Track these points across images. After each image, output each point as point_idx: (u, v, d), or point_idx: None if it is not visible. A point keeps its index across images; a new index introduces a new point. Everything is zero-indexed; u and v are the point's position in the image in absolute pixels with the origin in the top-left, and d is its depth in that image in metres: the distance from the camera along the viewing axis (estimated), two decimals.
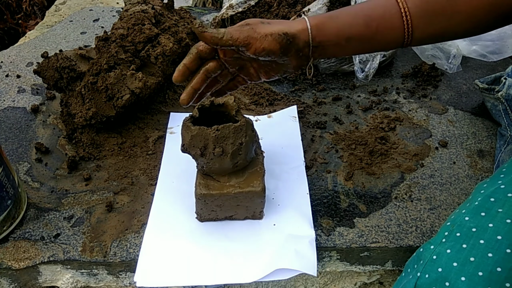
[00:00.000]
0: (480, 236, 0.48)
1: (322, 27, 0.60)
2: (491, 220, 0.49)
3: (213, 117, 0.67)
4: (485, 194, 0.52)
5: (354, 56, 0.96)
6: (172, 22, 0.92)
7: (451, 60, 1.00)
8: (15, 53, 1.08)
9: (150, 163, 0.80)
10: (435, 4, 0.60)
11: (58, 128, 0.87)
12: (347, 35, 0.61)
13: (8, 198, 0.65)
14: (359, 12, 0.61)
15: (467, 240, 0.49)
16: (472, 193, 0.56)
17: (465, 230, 0.50)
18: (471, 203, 0.53)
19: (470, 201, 0.54)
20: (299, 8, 1.04)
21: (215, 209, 0.66)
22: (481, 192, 0.54)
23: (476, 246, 0.48)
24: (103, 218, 0.70)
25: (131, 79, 0.80)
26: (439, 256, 0.49)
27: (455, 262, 0.48)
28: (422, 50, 1.06)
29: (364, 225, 0.69)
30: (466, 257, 0.47)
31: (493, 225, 0.49)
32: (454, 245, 0.49)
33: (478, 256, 0.47)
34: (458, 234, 0.50)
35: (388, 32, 0.61)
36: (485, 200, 0.52)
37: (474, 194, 0.55)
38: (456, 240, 0.49)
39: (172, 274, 0.62)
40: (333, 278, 0.74)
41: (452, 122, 0.90)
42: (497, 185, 0.53)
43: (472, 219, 0.51)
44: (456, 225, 0.51)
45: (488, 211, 0.50)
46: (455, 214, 0.54)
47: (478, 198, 0.53)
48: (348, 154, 0.81)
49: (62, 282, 0.68)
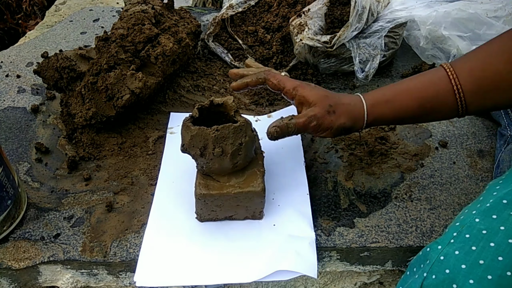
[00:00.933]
0: (491, 239, 0.47)
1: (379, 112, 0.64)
2: (503, 223, 0.48)
3: (212, 117, 0.67)
4: (498, 196, 0.51)
5: (354, 56, 0.96)
6: (172, 22, 0.92)
7: (451, 60, 1.00)
8: (15, 53, 1.08)
9: (150, 163, 0.80)
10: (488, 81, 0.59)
11: (58, 128, 0.87)
12: (402, 117, 0.64)
13: (8, 198, 0.65)
14: (414, 93, 0.63)
15: (477, 242, 0.48)
16: (483, 194, 0.55)
17: (475, 232, 0.49)
18: (482, 204, 0.52)
19: (481, 202, 0.53)
20: (299, 8, 1.04)
21: (215, 209, 0.66)
22: (494, 194, 0.52)
23: (486, 248, 0.47)
24: (103, 218, 0.70)
25: (131, 79, 0.80)
26: (446, 257, 0.48)
27: (464, 264, 0.47)
28: (422, 50, 1.06)
29: (364, 225, 0.69)
30: (475, 260, 0.46)
31: (504, 228, 0.47)
32: (463, 247, 0.48)
33: (488, 259, 0.46)
34: (467, 236, 0.49)
35: (442, 109, 0.63)
36: (497, 202, 0.50)
37: (485, 195, 0.54)
38: (465, 242, 0.48)
39: (172, 274, 0.62)
40: (333, 278, 0.74)
41: (452, 122, 0.90)
42: (510, 187, 0.51)
43: (483, 221, 0.49)
44: (465, 226, 0.50)
45: (500, 214, 0.49)
46: (465, 215, 0.53)
47: (490, 199, 0.51)
48: (348, 154, 0.81)
49: (62, 282, 0.68)
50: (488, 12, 1.00)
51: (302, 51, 0.98)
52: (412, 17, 0.99)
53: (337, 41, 0.93)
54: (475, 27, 1.00)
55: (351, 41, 0.95)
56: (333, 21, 0.96)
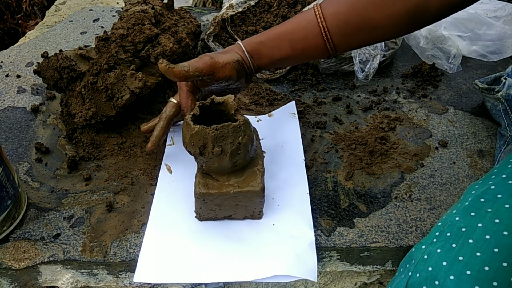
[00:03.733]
0: (469, 236, 0.49)
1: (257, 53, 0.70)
2: (480, 220, 0.50)
3: (214, 115, 0.67)
4: (476, 195, 0.53)
5: (354, 56, 0.96)
6: (172, 22, 0.92)
7: (451, 60, 1.00)
8: (15, 53, 1.08)
9: (150, 163, 0.80)
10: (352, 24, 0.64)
11: (58, 128, 0.87)
12: (277, 58, 0.70)
13: (8, 198, 0.65)
14: (283, 36, 0.69)
15: (457, 239, 0.49)
16: (463, 194, 0.57)
17: (455, 230, 0.51)
18: (461, 204, 0.54)
19: (461, 202, 0.55)
20: (299, 8, 1.04)
21: (214, 208, 0.66)
22: (472, 192, 0.55)
23: (465, 245, 0.49)
24: (103, 218, 0.70)
25: (131, 79, 0.80)
26: (429, 256, 0.50)
27: (445, 261, 0.48)
28: (422, 50, 1.06)
29: (364, 225, 0.69)
30: (455, 256, 0.48)
31: (482, 224, 0.49)
32: (444, 245, 0.50)
33: (467, 256, 0.48)
34: (448, 234, 0.51)
35: (313, 50, 0.68)
36: (475, 201, 0.52)
37: (465, 195, 0.56)
38: (446, 240, 0.50)
39: (171, 272, 0.62)
40: (333, 278, 0.74)
41: (452, 122, 0.90)
42: (487, 185, 0.53)
43: (462, 219, 0.51)
44: (447, 225, 0.52)
45: (478, 211, 0.51)
46: (447, 215, 0.55)
47: (469, 198, 0.54)
48: (348, 154, 0.81)
49: (62, 282, 0.68)
50: (488, 12, 1.00)
51: None
52: None
53: None
54: (475, 27, 1.00)
55: None
56: None
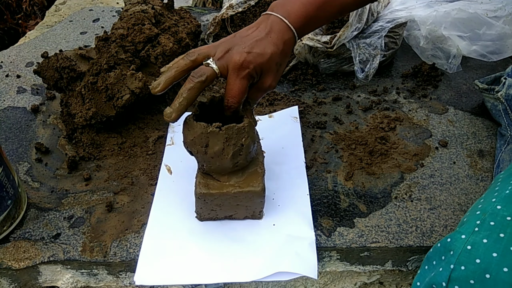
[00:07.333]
0: None
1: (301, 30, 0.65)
2: None
3: (214, 113, 0.67)
4: None
5: (354, 56, 0.96)
6: (172, 22, 0.92)
7: (451, 60, 1.00)
8: (15, 53, 1.08)
9: (150, 163, 0.80)
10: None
11: (58, 128, 0.87)
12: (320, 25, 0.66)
13: (8, 198, 0.65)
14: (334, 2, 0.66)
15: (504, 229, 0.46)
16: (497, 184, 0.54)
17: (500, 219, 0.48)
18: (499, 193, 0.51)
19: (499, 191, 0.52)
20: None
21: (215, 208, 0.66)
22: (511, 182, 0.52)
23: None
24: (103, 218, 0.70)
25: (131, 79, 0.80)
26: (474, 246, 0.47)
27: (495, 253, 0.45)
28: (422, 50, 1.06)
29: (364, 225, 0.69)
30: (506, 247, 0.45)
31: None
32: (490, 235, 0.47)
33: None
34: (492, 223, 0.48)
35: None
36: None
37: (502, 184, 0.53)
38: (492, 229, 0.47)
39: (172, 273, 0.62)
40: (333, 278, 0.74)
41: (452, 122, 0.90)
42: None
43: (505, 207, 0.49)
44: (488, 213, 0.49)
45: None
46: (483, 203, 0.52)
47: (509, 187, 0.51)
48: (348, 154, 0.81)
49: (62, 282, 0.68)
50: (488, 12, 1.00)
51: (302, 51, 0.98)
52: (412, 17, 0.99)
53: (337, 41, 0.93)
54: (475, 27, 1.00)
55: (351, 41, 0.95)
56: (333, 21, 0.97)
